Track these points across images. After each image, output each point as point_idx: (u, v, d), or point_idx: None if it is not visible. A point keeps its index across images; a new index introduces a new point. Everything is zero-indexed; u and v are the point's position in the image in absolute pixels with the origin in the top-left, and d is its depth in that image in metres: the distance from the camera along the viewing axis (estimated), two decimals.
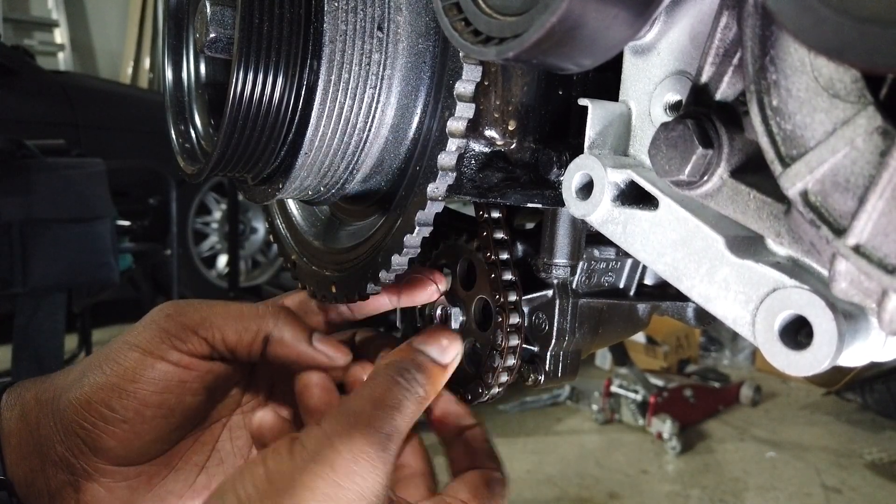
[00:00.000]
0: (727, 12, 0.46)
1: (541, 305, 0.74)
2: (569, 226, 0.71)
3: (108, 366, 0.65)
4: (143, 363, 0.65)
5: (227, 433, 0.75)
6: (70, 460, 0.65)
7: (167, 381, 0.65)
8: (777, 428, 4.09)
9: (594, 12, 0.38)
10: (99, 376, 0.65)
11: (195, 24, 0.67)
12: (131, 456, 0.66)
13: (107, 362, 0.66)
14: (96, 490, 0.66)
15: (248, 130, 0.59)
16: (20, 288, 2.59)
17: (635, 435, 3.90)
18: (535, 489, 3.25)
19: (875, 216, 0.37)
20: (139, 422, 0.65)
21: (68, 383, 0.67)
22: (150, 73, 7.62)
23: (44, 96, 4.24)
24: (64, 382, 0.68)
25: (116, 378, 0.64)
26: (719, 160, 0.47)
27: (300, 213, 0.84)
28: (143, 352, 0.65)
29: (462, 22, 0.46)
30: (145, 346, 0.65)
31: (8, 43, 5.28)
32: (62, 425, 0.65)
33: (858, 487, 3.38)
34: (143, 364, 0.65)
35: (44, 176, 2.65)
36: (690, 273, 0.50)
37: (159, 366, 0.65)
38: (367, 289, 0.69)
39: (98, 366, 0.66)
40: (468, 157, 0.62)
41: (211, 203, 5.22)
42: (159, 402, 0.65)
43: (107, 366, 0.65)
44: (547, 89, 0.63)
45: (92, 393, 0.64)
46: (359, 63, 0.60)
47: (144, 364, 0.65)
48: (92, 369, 0.66)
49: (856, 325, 0.43)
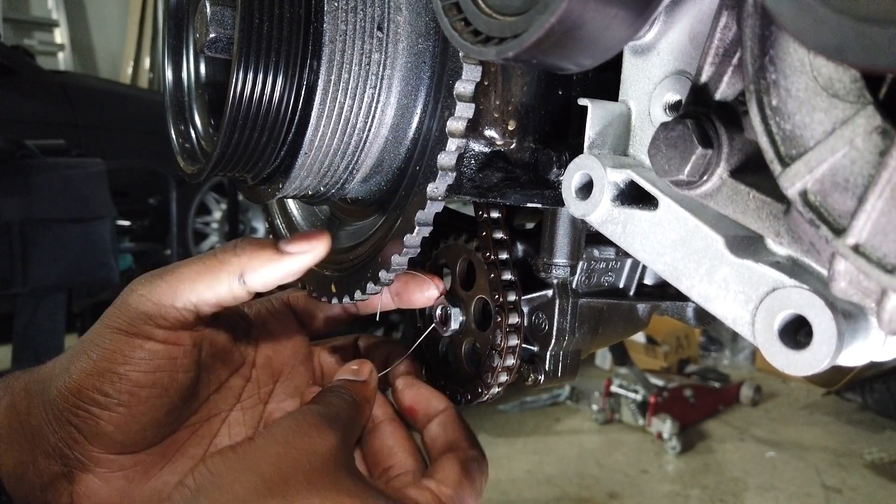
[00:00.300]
0: (727, 12, 0.46)
1: (540, 305, 0.74)
2: (568, 226, 0.71)
3: (93, 351, 0.65)
4: (129, 344, 0.64)
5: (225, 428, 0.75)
6: (64, 450, 0.65)
7: (157, 360, 0.65)
8: (777, 428, 4.09)
9: (594, 12, 0.38)
10: (86, 362, 0.64)
11: (195, 24, 0.67)
12: (129, 441, 0.66)
13: (92, 348, 0.65)
14: (91, 481, 0.65)
15: (248, 130, 0.59)
16: (20, 288, 2.60)
17: (635, 435, 3.90)
18: (535, 489, 3.25)
19: (874, 216, 0.37)
20: (135, 404, 0.64)
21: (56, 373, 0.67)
22: (150, 73, 7.62)
23: (44, 96, 4.24)
24: (52, 372, 0.67)
25: (105, 362, 0.64)
26: (719, 160, 0.47)
27: (300, 212, 0.84)
28: (128, 334, 0.65)
29: (462, 22, 0.46)
30: (128, 328, 0.65)
31: (8, 43, 5.28)
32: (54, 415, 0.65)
33: (858, 487, 3.38)
34: (131, 345, 0.64)
35: (44, 176, 2.65)
36: (690, 273, 0.50)
37: (147, 345, 0.65)
38: (367, 288, 0.69)
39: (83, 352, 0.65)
40: (468, 157, 0.62)
41: (211, 203, 5.22)
42: (152, 381, 0.65)
43: (92, 351, 0.65)
44: (547, 89, 0.63)
45: (82, 379, 0.64)
46: (359, 63, 0.60)
47: (132, 345, 0.64)
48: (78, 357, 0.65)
49: (855, 324, 0.43)
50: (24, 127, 3.92)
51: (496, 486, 3.21)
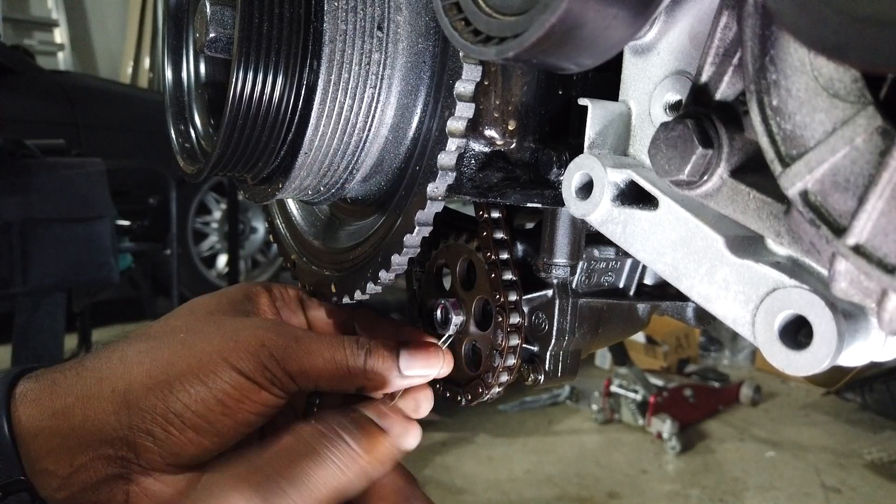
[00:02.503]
0: (727, 12, 0.46)
1: (540, 305, 0.74)
2: (568, 226, 0.71)
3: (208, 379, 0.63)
4: (248, 388, 0.64)
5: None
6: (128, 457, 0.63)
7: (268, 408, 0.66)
8: (777, 428, 4.09)
9: (594, 12, 0.38)
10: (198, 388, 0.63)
11: (195, 24, 0.67)
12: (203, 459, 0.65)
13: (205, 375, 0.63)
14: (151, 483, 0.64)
15: (248, 130, 0.59)
16: (20, 288, 2.60)
17: (635, 435, 3.90)
18: (535, 489, 3.25)
19: (875, 216, 0.37)
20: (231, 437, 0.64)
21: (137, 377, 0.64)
22: (150, 72, 7.62)
23: (44, 96, 4.24)
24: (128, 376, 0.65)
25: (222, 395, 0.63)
26: (719, 160, 0.47)
27: (300, 212, 0.84)
28: (247, 379, 0.64)
29: (462, 21, 0.46)
30: (248, 373, 0.64)
31: (8, 43, 5.29)
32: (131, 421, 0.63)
33: (858, 487, 3.38)
34: (249, 389, 0.64)
35: (44, 176, 2.66)
36: (690, 273, 0.50)
37: (264, 394, 0.65)
38: (367, 288, 0.69)
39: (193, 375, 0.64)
40: (468, 157, 0.62)
41: (211, 203, 5.23)
42: (254, 423, 0.66)
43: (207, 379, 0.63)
44: (547, 89, 0.63)
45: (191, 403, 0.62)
46: (359, 63, 0.60)
47: (250, 390, 0.64)
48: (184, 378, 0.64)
49: (855, 324, 0.43)
50: (24, 127, 3.92)
51: (496, 485, 3.21)
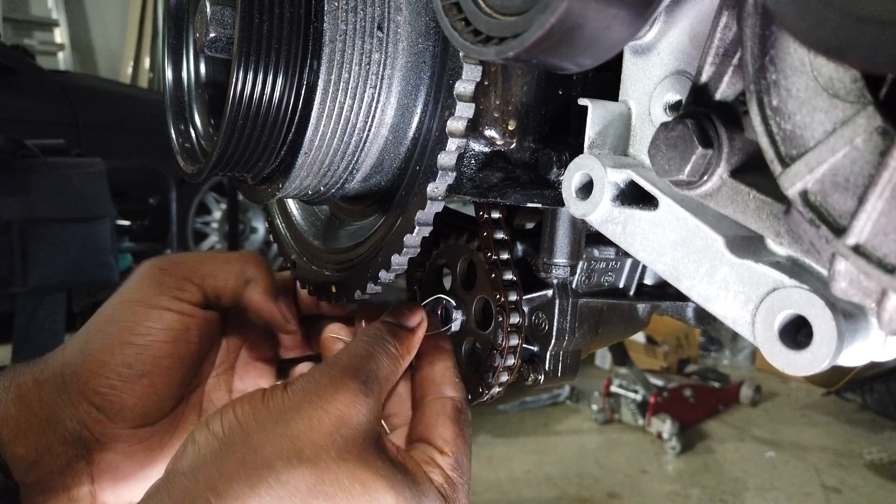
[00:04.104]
0: (727, 12, 0.46)
1: (541, 305, 0.74)
2: (569, 226, 0.71)
3: (111, 326, 0.66)
4: (148, 316, 0.66)
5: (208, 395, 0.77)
6: (83, 434, 0.65)
7: (175, 330, 0.67)
8: (777, 428, 4.09)
9: (594, 12, 0.38)
10: (105, 338, 0.65)
11: (195, 24, 0.67)
12: (150, 412, 0.67)
13: (109, 324, 0.66)
14: (111, 458, 0.66)
15: (248, 130, 0.59)
16: (20, 288, 2.60)
17: (635, 435, 3.90)
18: (535, 489, 3.25)
19: (875, 216, 0.37)
20: (157, 374, 0.66)
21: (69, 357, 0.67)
22: (150, 72, 7.62)
23: (44, 96, 4.24)
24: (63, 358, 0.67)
25: (127, 335, 0.65)
26: (719, 160, 0.47)
27: (300, 212, 0.84)
28: (146, 305, 0.66)
29: (462, 22, 0.46)
30: (146, 299, 0.66)
31: (8, 43, 5.28)
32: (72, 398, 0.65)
33: (858, 487, 3.38)
34: (149, 316, 0.66)
35: (44, 176, 2.65)
36: (690, 273, 0.50)
37: (166, 316, 0.66)
38: (368, 288, 0.69)
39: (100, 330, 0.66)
40: (468, 157, 0.62)
41: (211, 203, 5.22)
42: (171, 351, 0.67)
43: (110, 327, 0.66)
44: (547, 89, 0.63)
45: (104, 355, 0.65)
46: (359, 63, 0.60)
47: (150, 316, 0.66)
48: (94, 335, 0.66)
49: (855, 324, 0.43)
50: (24, 127, 3.92)
51: (496, 485, 3.21)
